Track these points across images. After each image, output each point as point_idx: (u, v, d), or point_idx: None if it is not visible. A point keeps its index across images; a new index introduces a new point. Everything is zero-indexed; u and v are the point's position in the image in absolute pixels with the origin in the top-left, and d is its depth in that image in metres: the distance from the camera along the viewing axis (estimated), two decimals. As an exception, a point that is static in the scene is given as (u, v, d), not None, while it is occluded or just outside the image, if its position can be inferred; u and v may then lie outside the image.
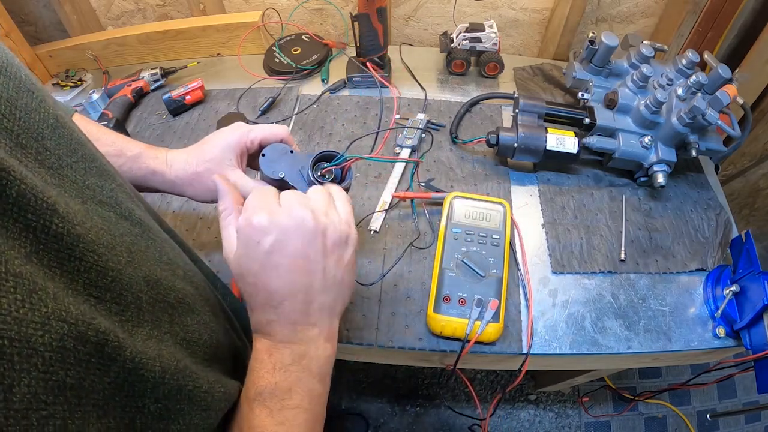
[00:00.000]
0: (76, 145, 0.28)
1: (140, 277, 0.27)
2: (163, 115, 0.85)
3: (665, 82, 0.70)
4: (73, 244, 0.22)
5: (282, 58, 0.90)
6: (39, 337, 0.18)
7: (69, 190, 0.25)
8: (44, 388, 0.18)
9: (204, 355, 0.32)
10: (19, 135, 0.23)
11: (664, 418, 1.32)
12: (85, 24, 0.95)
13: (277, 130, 0.51)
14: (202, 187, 0.51)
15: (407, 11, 0.97)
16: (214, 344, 0.34)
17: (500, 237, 0.62)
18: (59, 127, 0.27)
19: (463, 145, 0.78)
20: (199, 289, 0.36)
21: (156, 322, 0.27)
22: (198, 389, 0.28)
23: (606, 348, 0.59)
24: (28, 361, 0.17)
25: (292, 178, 0.48)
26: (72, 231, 0.22)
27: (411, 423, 1.29)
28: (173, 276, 0.32)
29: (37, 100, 0.26)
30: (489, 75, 0.91)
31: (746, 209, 1.16)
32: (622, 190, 0.74)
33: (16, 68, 0.25)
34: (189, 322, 0.31)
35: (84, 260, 0.23)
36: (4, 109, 0.23)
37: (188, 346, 0.30)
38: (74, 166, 0.27)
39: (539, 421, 1.32)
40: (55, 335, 0.19)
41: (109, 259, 0.24)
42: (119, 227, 0.28)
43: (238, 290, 0.61)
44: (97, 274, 0.23)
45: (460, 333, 0.56)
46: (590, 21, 0.95)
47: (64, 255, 0.22)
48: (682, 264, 0.66)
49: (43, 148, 0.24)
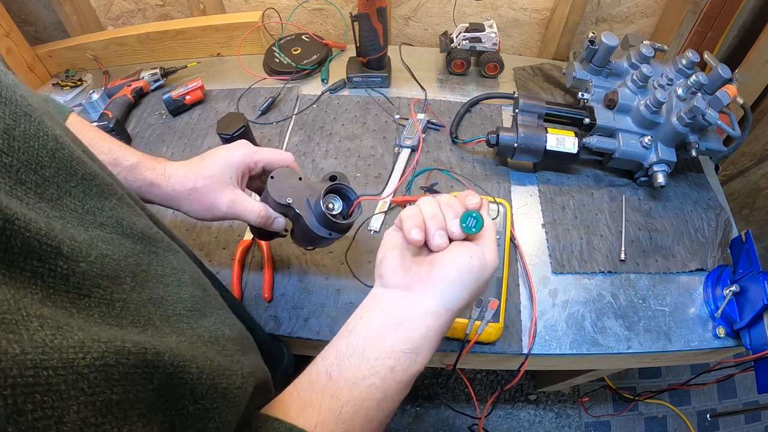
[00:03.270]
0: (76, 165, 0.27)
1: (146, 300, 0.27)
2: (163, 115, 0.85)
3: (665, 82, 0.70)
4: (79, 283, 0.22)
5: (282, 58, 0.90)
6: (81, 359, 0.18)
7: (71, 220, 0.25)
8: (92, 411, 0.18)
9: (234, 347, 0.32)
10: (18, 170, 0.23)
11: (664, 418, 1.32)
12: (85, 24, 0.95)
13: (284, 156, 0.51)
14: (198, 204, 0.49)
15: (407, 11, 0.97)
16: (237, 336, 0.34)
17: (500, 237, 0.62)
18: (58, 149, 0.26)
19: (463, 145, 0.78)
20: (207, 290, 0.36)
21: (178, 333, 0.28)
22: (231, 386, 0.29)
23: (606, 348, 0.59)
24: (75, 387, 0.17)
25: (299, 206, 0.48)
26: (77, 269, 0.22)
27: (411, 423, 1.29)
28: (179, 286, 0.32)
29: (35, 123, 0.25)
30: (489, 75, 0.91)
31: (746, 209, 1.16)
32: (622, 190, 0.74)
33: (11, 90, 0.24)
34: (207, 323, 0.32)
35: (92, 296, 0.23)
36: (3, 143, 0.22)
37: (217, 343, 0.31)
38: (73, 192, 0.26)
39: (539, 421, 1.32)
40: (96, 354, 0.19)
41: (114, 291, 0.25)
42: (122, 248, 0.28)
43: (240, 290, 0.62)
44: (107, 306, 0.24)
45: (460, 333, 0.56)
46: (590, 21, 0.95)
47: (73, 294, 0.22)
48: (682, 264, 0.66)
49: (42, 180, 0.24)
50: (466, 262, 0.37)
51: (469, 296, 0.38)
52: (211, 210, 0.50)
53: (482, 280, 0.38)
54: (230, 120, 0.73)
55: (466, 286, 0.37)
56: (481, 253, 0.38)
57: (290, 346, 0.61)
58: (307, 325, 0.59)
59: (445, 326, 0.38)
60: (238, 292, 0.62)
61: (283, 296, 0.62)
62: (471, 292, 0.38)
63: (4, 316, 0.17)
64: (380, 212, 0.69)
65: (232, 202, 0.49)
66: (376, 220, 0.68)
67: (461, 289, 0.37)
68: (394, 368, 0.34)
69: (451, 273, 0.37)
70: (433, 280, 0.37)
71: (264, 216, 0.49)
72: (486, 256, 0.38)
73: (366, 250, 0.66)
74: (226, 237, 0.67)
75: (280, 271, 0.64)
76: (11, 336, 0.16)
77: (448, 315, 0.37)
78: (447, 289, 0.37)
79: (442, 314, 0.37)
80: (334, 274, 0.63)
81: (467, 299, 0.38)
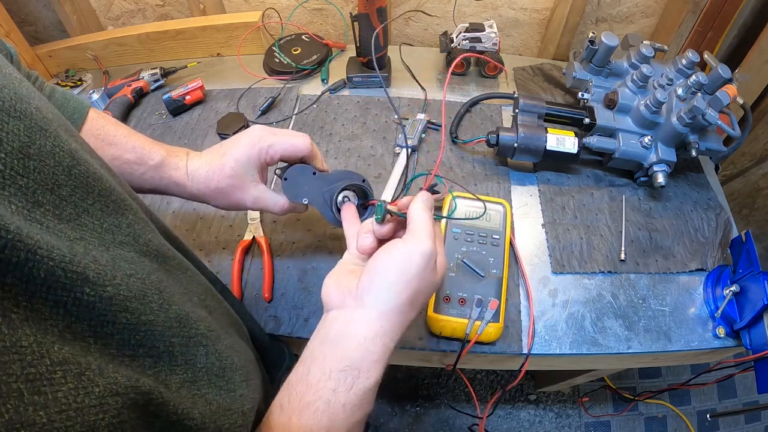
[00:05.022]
0: (93, 181, 0.27)
1: (172, 319, 0.27)
2: (163, 115, 0.85)
3: (665, 82, 0.70)
4: (105, 310, 0.22)
5: (282, 58, 0.90)
6: (100, 420, 0.18)
7: (91, 240, 0.25)
8: None
9: (240, 378, 0.32)
10: (35, 191, 0.22)
11: (664, 418, 1.32)
12: (85, 24, 0.95)
13: (299, 144, 0.51)
14: (224, 201, 0.52)
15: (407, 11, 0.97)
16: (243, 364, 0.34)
17: (500, 237, 0.62)
18: (74, 165, 0.25)
19: (463, 145, 0.78)
20: (213, 312, 0.36)
21: (190, 363, 0.28)
22: (233, 425, 0.29)
23: (606, 348, 0.59)
24: None
25: (316, 203, 0.50)
26: (104, 295, 0.22)
27: (411, 423, 1.29)
28: (193, 305, 0.32)
29: (51, 139, 0.24)
30: (489, 75, 0.91)
31: (746, 209, 1.16)
32: (622, 190, 0.74)
33: (26, 102, 0.23)
34: (221, 348, 0.31)
35: (117, 323, 0.23)
36: (18, 164, 0.21)
37: (224, 374, 0.30)
38: (91, 210, 0.26)
39: (539, 421, 1.32)
40: (114, 412, 0.19)
41: (142, 312, 0.24)
42: (144, 267, 0.28)
43: (240, 290, 0.62)
44: (129, 332, 0.23)
45: (460, 333, 0.56)
46: (590, 21, 0.95)
47: (96, 323, 0.22)
48: (682, 264, 0.66)
49: (59, 200, 0.23)
50: (386, 258, 0.37)
51: (408, 292, 0.36)
52: (237, 205, 0.52)
53: (415, 272, 0.36)
54: (230, 120, 0.73)
55: (395, 282, 0.36)
56: (404, 245, 0.37)
57: (290, 346, 0.61)
58: (307, 325, 0.59)
59: (388, 332, 0.36)
60: (238, 292, 0.62)
61: (283, 296, 0.62)
62: (406, 287, 0.36)
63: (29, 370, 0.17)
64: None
65: (256, 199, 0.52)
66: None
67: (389, 287, 0.36)
68: (335, 390, 0.33)
69: (374, 275, 0.37)
70: (360, 288, 0.37)
71: (287, 209, 0.53)
72: (413, 246, 0.37)
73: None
74: (226, 237, 0.67)
75: (280, 271, 0.64)
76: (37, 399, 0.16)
77: (384, 320, 0.36)
78: (374, 292, 0.36)
79: (376, 320, 0.35)
80: (334, 274, 0.63)
81: (406, 296, 0.36)
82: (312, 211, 0.69)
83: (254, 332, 0.51)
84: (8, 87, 0.23)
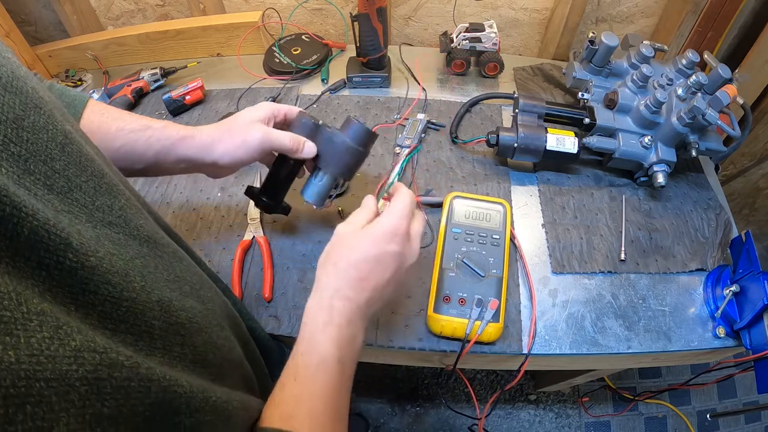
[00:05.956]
0: (86, 161, 0.27)
1: (154, 302, 0.27)
2: (163, 115, 0.85)
3: (665, 82, 0.70)
4: (87, 278, 0.22)
5: (282, 58, 0.90)
6: (74, 371, 0.18)
7: (79, 215, 0.25)
8: (82, 424, 0.18)
9: (209, 375, 0.32)
10: (27, 160, 0.22)
11: (664, 418, 1.33)
12: (85, 24, 0.95)
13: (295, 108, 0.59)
14: (231, 144, 0.52)
15: (407, 11, 0.97)
16: (218, 362, 0.34)
17: (500, 237, 0.62)
18: (68, 144, 0.26)
19: (463, 145, 0.78)
20: (207, 303, 0.36)
21: (167, 348, 0.27)
22: (220, 400, 0.29)
23: (606, 348, 0.59)
24: (65, 399, 0.17)
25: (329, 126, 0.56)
26: (86, 264, 0.22)
27: (411, 423, 1.29)
28: (182, 295, 0.32)
29: (45, 116, 0.25)
30: (489, 75, 0.91)
31: (746, 209, 1.16)
32: (622, 190, 0.74)
33: (23, 81, 0.24)
34: (198, 341, 0.31)
35: (98, 293, 0.23)
36: (11, 133, 0.22)
37: (194, 368, 0.30)
38: (83, 187, 0.26)
39: (539, 421, 1.32)
40: (89, 367, 0.19)
41: (124, 288, 0.24)
42: (129, 249, 0.28)
43: (240, 290, 0.62)
44: (111, 306, 0.23)
45: (460, 333, 0.56)
46: (590, 21, 0.95)
47: (77, 290, 0.21)
48: (682, 264, 0.66)
49: (51, 171, 0.24)
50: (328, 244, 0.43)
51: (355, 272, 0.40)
52: (245, 145, 0.52)
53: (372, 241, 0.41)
54: (230, 120, 0.73)
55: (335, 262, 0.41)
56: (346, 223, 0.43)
57: (290, 346, 0.61)
58: (307, 325, 0.59)
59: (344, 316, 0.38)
60: (239, 292, 0.62)
61: (283, 296, 0.62)
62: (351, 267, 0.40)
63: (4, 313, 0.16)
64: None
65: (264, 134, 0.53)
66: (376, 220, 0.68)
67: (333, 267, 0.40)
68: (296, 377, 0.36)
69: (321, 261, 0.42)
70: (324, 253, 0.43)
71: (295, 140, 0.54)
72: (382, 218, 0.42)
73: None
74: (226, 237, 0.67)
75: (280, 271, 0.64)
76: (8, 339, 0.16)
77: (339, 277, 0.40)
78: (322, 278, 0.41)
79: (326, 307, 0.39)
80: (334, 274, 0.63)
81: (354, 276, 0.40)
82: (312, 212, 0.69)
83: (256, 331, 0.51)
84: (6, 66, 0.24)
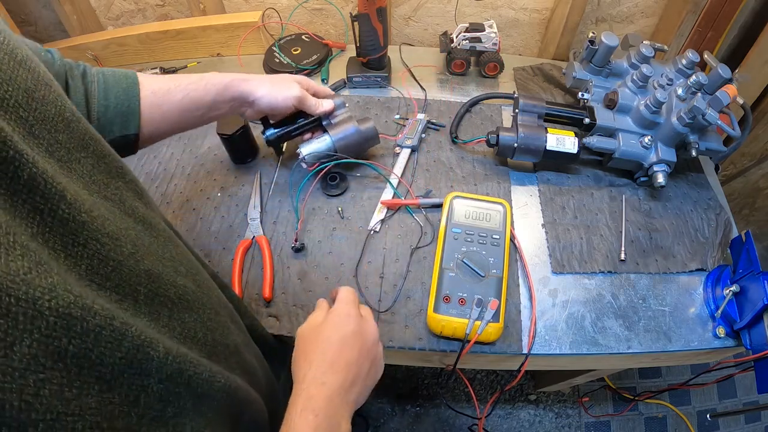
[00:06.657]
0: (89, 141, 0.29)
1: (141, 270, 0.28)
2: (163, 115, 0.84)
3: (665, 82, 0.70)
4: (77, 230, 0.23)
5: (282, 58, 0.90)
6: (46, 301, 0.18)
7: (76, 182, 0.26)
8: (44, 352, 0.18)
9: (199, 352, 0.32)
10: (33, 125, 0.24)
11: (664, 418, 1.32)
12: (85, 24, 0.95)
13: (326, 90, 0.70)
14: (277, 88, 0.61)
15: (407, 11, 0.97)
16: (210, 342, 0.34)
17: (500, 237, 0.62)
18: (74, 121, 0.27)
19: (463, 145, 0.78)
20: (202, 287, 0.36)
21: (154, 316, 0.28)
22: (197, 375, 0.29)
23: (606, 348, 0.59)
24: (32, 323, 0.18)
25: None
26: (78, 217, 0.23)
27: (411, 423, 1.29)
28: (175, 273, 0.32)
29: (54, 93, 0.26)
30: (489, 75, 0.91)
31: (746, 209, 1.16)
32: (622, 190, 0.74)
33: (36, 63, 0.26)
34: (187, 319, 0.32)
35: (87, 247, 0.23)
36: (22, 99, 0.24)
37: (184, 342, 0.30)
38: (83, 161, 0.27)
39: (539, 421, 1.32)
40: (62, 302, 0.19)
41: (111, 249, 0.25)
42: (123, 222, 0.29)
43: (240, 290, 0.62)
44: (99, 262, 0.24)
45: (460, 333, 0.56)
46: (590, 21, 0.95)
47: (68, 240, 0.22)
48: (682, 264, 0.66)
49: (54, 141, 0.25)
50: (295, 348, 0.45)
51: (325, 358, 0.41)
52: (286, 92, 0.61)
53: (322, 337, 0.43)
54: (230, 120, 0.73)
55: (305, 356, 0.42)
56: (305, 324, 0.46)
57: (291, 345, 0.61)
58: (307, 325, 0.59)
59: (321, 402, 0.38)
60: (239, 291, 0.62)
61: (283, 296, 0.62)
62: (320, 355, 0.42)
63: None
64: (379, 213, 0.69)
65: (301, 92, 0.62)
66: (375, 220, 0.68)
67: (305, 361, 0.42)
68: None
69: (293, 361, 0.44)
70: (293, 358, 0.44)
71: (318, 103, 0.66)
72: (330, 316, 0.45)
73: (366, 250, 0.66)
74: (226, 237, 0.67)
75: (280, 271, 0.64)
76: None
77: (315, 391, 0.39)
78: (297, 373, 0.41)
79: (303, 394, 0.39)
80: (333, 274, 0.64)
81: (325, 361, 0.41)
82: (312, 212, 0.69)
83: (257, 331, 0.51)
84: (22, 49, 0.26)
